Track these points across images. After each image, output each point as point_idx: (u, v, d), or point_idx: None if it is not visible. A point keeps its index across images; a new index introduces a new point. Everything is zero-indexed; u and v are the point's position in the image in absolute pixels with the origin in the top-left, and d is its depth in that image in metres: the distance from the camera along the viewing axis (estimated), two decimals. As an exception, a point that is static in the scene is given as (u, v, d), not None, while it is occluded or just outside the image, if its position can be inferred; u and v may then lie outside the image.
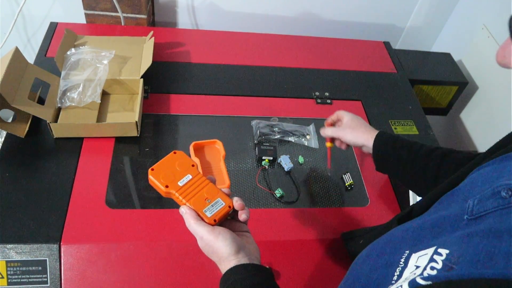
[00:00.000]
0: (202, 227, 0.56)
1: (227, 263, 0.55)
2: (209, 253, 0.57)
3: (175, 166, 0.61)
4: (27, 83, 0.87)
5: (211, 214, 0.57)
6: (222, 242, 0.55)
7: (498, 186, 0.40)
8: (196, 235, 0.57)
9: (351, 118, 0.84)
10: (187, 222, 0.57)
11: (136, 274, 0.74)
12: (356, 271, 0.52)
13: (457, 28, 1.44)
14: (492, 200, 0.40)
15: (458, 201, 0.45)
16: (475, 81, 1.28)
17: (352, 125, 0.83)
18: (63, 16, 1.38)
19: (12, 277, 0.71)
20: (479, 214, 0.40)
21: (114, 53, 1.00)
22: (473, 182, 0.47)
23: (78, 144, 0.89)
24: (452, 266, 0.36)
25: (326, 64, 1.22)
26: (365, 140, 0.80)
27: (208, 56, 1.17)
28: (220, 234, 0.55)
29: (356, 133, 0.82)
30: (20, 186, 0.80)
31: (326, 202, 0.88)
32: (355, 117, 0.84)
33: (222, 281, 0.55)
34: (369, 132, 0.80)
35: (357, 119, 0.84)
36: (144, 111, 0.98)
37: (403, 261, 0.43)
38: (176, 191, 0.58)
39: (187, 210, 0.58)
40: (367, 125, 0.83)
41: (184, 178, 0.60)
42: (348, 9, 1.44)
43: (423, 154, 0.73)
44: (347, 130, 0.83)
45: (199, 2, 1.37)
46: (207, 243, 0.56)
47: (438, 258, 0.38)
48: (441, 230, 0.43)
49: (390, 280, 0.43)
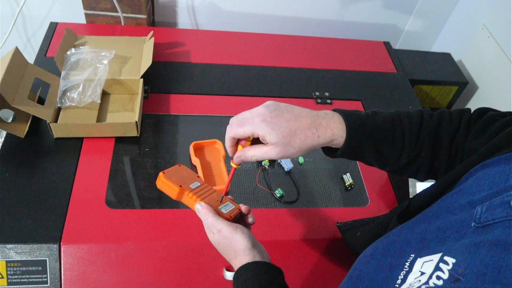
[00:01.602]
0: (221, 220, 0.57)
1: (241, 258, 0.56)
2: (225, 247, 0.58)
3: (183, 174, 0.63)
4: (27, 83, 0.87)
5: (226, 212, 0.60)
6: (240, 235, 0.56)
7: (508, 195, 0.39)
8: (214, 229, 0.57)
9: (274, 133, 0.54)
10: (204, 217, 0.57)
11: (136, 274, 0.74)
12: (360, 270, 0.52)
13: (457, 28, 1.44)
14: (501, 209, 0.39)
15: (464, 204, 0.44)
16: (475, 81, 1.28)
17: (285, 140, 0.55)
18: (63, 16, 1.38)
19: (12, 277, 0.71)
20: (487, 222, 0.39)
21: (114, 53, 1.00)
22: (478, 184, 0.45)
23: (78, 144, 0.89)
24: (459, 278, 0.35)
25: (326, 64, 1.22)
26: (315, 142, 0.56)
27: (208, 56, 1.17)
28: (238, 228, 0.57)
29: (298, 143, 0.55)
30: (20, 186, 0.80)
31: (326, 202, 0.88)
32: (278, 125, 0.55)
33: (235, 278, 0.56)
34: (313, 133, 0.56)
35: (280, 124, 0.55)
36: (144, 111, 0.98)
37: (408, 265, 0.43)
38: (189, 192, 0.60)
39: (203, 205, 0.58)
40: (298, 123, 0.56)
41: (194, 183, 0.62)
42: (348, 9, 1.44)
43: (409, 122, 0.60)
44: (286, 148, 0.55)
45: (199, 2, 1.37)
46: (225, 236, 0.56)
47: (444, 267, 0.38)
48: (447, 235, 0.42)
49: (394, 283, 0.42)
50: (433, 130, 0.60)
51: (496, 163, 0.46)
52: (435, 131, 0.60)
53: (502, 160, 0.45)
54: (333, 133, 0.56)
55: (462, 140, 0.59)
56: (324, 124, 0.56)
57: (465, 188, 0.47)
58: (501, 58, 1.17)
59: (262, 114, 0.55)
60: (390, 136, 0.59)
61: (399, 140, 0.59)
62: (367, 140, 0.58)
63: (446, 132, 0.60)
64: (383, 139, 0.58)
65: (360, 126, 0.57)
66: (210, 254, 0.76)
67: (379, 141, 0.58)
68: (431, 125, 0.60)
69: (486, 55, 1.25)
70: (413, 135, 0.59)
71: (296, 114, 0.56)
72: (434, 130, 0.60)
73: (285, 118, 0.55)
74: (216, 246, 0.59)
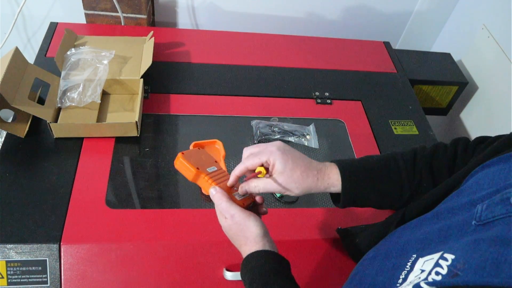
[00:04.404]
0: (234, 205, 0.58)
1: (251, 245, 0.57)
2: (236, 233, 0.58)
3: (201, 157, 0.64)
4: (27, 83, 0.87)
5: (240, 199, 0.60)
6: (253, 222, 0.57)
7: (507, 192, 0.39)
8: (227, 213, 0.58)
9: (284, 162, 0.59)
10: (218, 201, 0.59)
11: (136, 274, 0.74)
12: (362, 272, 0.52)
13: (457, 28, 1.44)
14: (501, 206, 0.39)
15: (465, 204, 0.45)
16: (475, 81, 1.28)
17: (290, 172, 0.59)
18: (63, 16, 1.38)
19: (12, 277, 0.71)
20: (487, 220, 0.39)
21: (114, 53, 1.00)
22: (479, 183, 0.46)
23: (78, 144, 0.89)
24: (457, 272, 0.36)
25: (326, 64, 1.22)
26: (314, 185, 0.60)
27: (208, 56, 1.17)
28: (251, 215, 0.58)
29: (300, 180, 0.59)
30: (20, 186, 0.80)
31: (326, 202, 0.88)
32: (289, 157, 0.59)
33: (243, 264, 0.57)
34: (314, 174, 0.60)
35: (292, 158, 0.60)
36: (144, 111, 0.98)
37: (410, 265, 0.43)
38: (206, 175, 0.60)
39: (218, 190, 0.59)
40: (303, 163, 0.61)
41: (211, 168, 0.63)
42: (348, 9, 1.44)
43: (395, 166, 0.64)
44: (288, 180, 0.59)
45: (199, 2, 1.37)
46: (237, 222, 0.57)
47: (443, 263, 0.38)
48: (448, 235, 0.43)
49: (395, 283, 0.43)
50: (429, 159, 0.63)
51: (495, 163, 0.46)
52: (430, 160, 0.63)
53: (502, 160, 0.45)
54: (329, 178, 0.61)
55: (463, 165, 0.61)
56: (324, 171, 0.61)
57: (466, 189, 0.47)
58: (501, 58, 1.17)
59: (277, 145, 0.61)
60: (386, 173, 0.63)
61: (396, 174, 0.63)
62: (363, 181, 0.62)
63: (444, 160, 0.63)
64: (379, 176, 0.63)
65: (352, 167, 0.62)
66: (210, 254, 0.76)
67: (377, 180, 0.63)
68: (425, 155, 0.64)
69: (486, 55, 1.25)
70: (409, 167, 0.63)
71: (305, 156, 0.62)
72: (430, 159, 0.63)
73: (296, 155, 0.61)
74: (227, 232, 0.60)
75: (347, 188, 0.61)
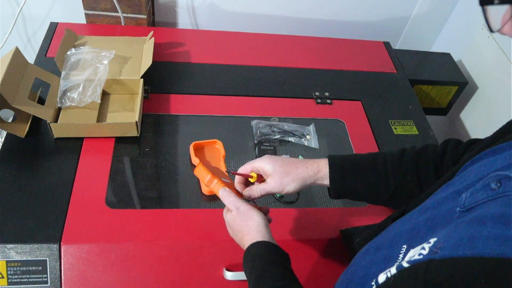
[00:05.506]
0: (241, 200, 0.64)
1: (254, 234, 0.60)
2: (240, 224, 0.62)
3: (217, 171, 0.71)
4: (27, 83, 0.87)
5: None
6: (257, 212, 0.62)
7: (489, 178, 0.41)
8: (232, 206, 0.63)
9: (272, 162, 0.67)
10: (226, 198, 0.64)
11: (136, 274, 0.74)
12: (356, 265, 0.54)
13: (457, 28, 1.44)
14: (483, 191, 0.41)
15: (451, 194, 0.47)
16: (475, 81, 1.28)
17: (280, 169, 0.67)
18: (63, 16, 1.38)
19: (12, 277, 0.71)
20: (470, 206, 0.41)
21: (114, 53, 1.00)
22: (466, 175, 0.48)
23: (78, 144, 0.89)
24: (437, 251, 0.38)
25: (326, 64, 1.22)
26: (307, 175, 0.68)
27: (208, 56, 1.17)
28: (254, 208, 0.63)
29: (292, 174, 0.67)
30: (20, 186, 0.80)
31: (326, 202, 0.88)
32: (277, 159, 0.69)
33: (245, 253, 0.60)
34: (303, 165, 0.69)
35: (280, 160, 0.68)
36: (144, 111, 0.98)
37: (402, 256, 0.45)
38: (218, 180, 0.66)
39: (227, 189, 0.65)
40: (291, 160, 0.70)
41: (224, 178, 0.69)
42: (348, 9, 1.44)
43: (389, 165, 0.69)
44: (282, 177, 0.67)
45: (199, 2, 1.37)
46: (242, 212, 0.62)
47: (426, 245, 0.40)
48: (435, 224, 0.45)
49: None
50: (416, 156, 0.68)
51: (483, 157, 0.48)
52: (417, 156, 0.68)
53: (489, 153, 0.47)
54: (318, 166, 0.68)
55: (452, 163, 0.65)
56: (313, 161, 0.69)
57: (454, 182, 0.49)
58: (501, 58, 1.17)
59: (267, 155, 0.70)
60: (372, 165, 0.69)
61: (382, 166, 0.68)
62: (351, 171, 0.68)
63: (431, 156, 0.68)
64: (366, 168, 0.69)
65: (341, 160, 0.69)
66: (210, 254, 0.76)
67: (363, 171, 0.69)
68: (414, 152, 0.69)
69: (486, 55, 1.25)
70: (395, 162, 0.69)
71: (292, 158, 0.70)
72: (417, 155, 0.68)
73: (283, 159, 0.69)
74: (231, 224, 0.63)
75: (335, 177, 0.68)
